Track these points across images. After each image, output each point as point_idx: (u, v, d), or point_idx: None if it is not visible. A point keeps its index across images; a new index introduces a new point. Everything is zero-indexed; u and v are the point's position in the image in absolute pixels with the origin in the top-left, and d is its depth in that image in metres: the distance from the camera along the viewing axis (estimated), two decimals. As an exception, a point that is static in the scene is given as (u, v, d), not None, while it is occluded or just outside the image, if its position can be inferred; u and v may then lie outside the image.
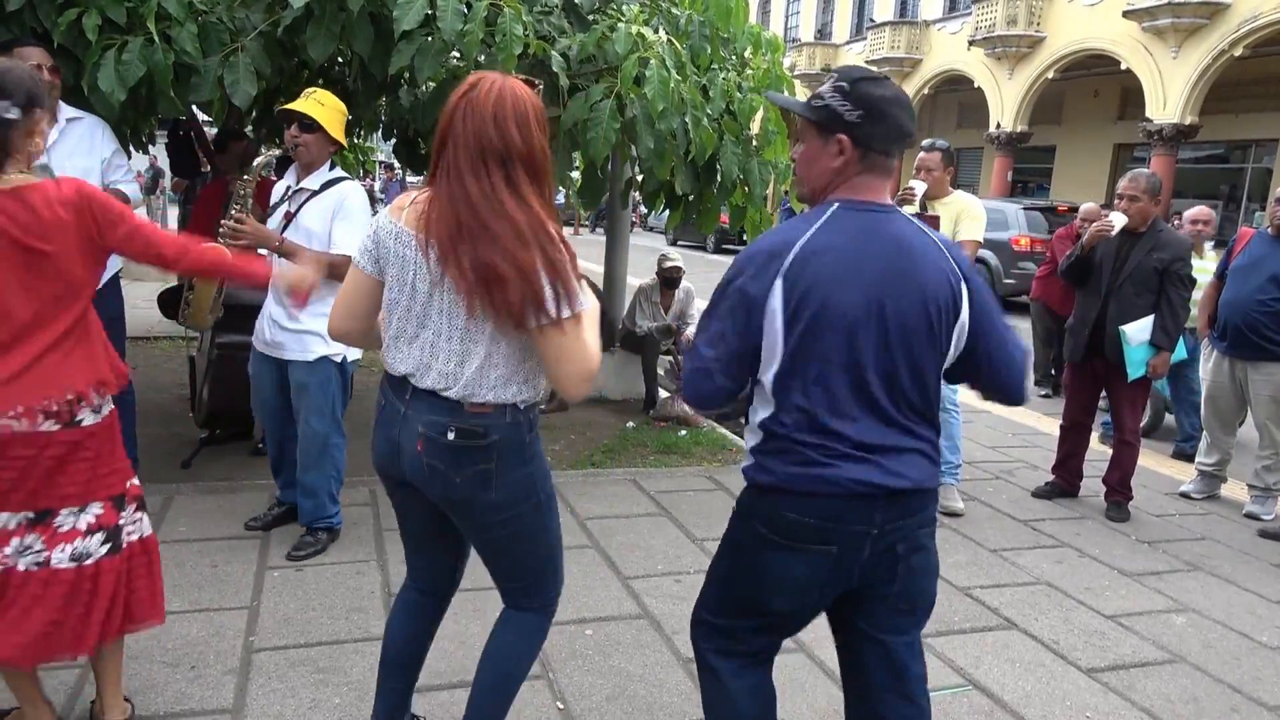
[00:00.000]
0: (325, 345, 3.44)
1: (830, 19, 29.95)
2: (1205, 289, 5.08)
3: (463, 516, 1.99)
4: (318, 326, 3.39)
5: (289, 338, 3.39)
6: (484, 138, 1.78)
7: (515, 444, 1.92)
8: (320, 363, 3.42)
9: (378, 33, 3.55)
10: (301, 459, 3.53)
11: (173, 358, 6.72)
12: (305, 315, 3.34)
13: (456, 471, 1.89)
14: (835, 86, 1.76)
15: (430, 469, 1.91)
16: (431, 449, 1.89)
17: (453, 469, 1.89)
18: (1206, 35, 17.13)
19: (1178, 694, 2.96)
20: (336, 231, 3.31)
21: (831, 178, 1.79)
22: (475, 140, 1.78)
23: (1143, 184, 4.44)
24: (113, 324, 3.71)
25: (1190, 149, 19.58)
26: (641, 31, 3.67)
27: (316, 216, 3.32)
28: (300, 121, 3.22)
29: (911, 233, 1.78)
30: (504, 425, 1.89)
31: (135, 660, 2.70)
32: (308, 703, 2.57)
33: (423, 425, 1.89)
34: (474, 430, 1.87)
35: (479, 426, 1.87)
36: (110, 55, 3.29)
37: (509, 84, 1.83)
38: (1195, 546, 4.34)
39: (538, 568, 2.09)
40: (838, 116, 1.75)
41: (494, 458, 1.89)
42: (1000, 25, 20.95)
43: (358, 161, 7.96)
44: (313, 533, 3.59)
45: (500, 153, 1.78)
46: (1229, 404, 4.91)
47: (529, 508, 1.99)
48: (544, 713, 2.61)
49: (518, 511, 1.97)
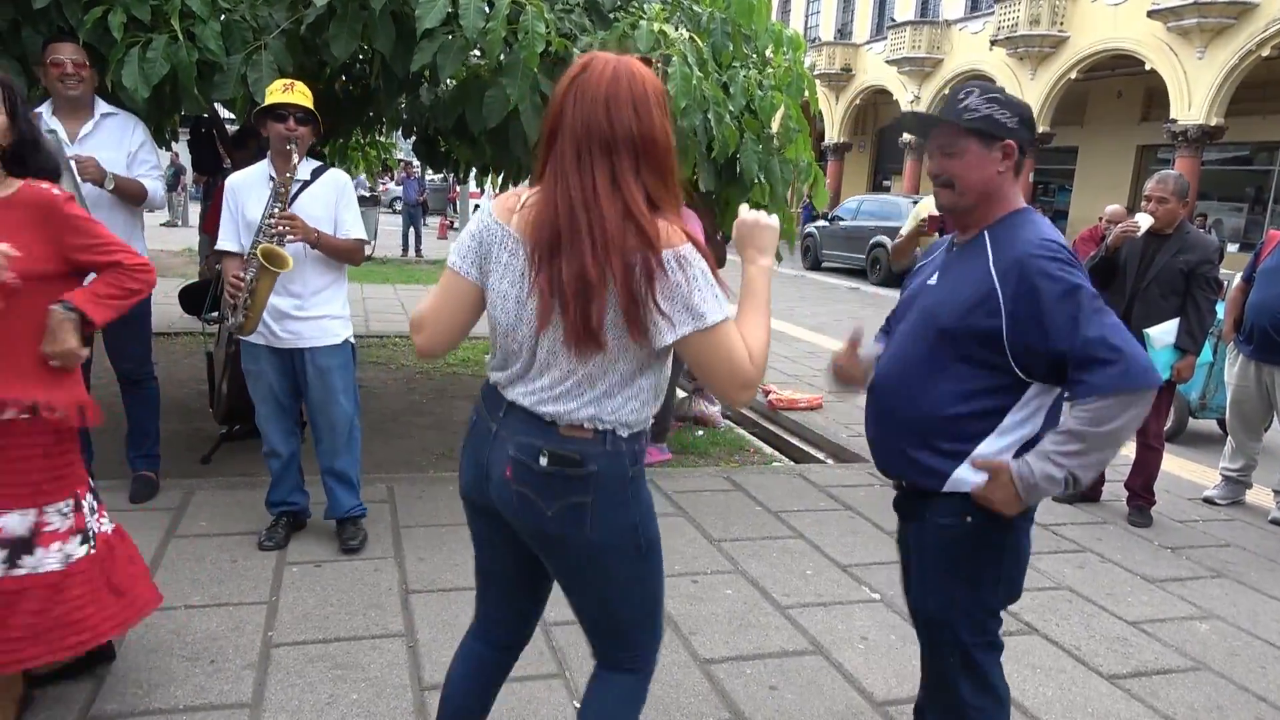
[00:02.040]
0: (345, 327, 3.50)
1: (851, 18, 29.81)
2: (1232, 292, 5.01)
3: (554, 556, 1.79)
4: (333, 310, 3.46)
5: (306, 326, 3.39)
6: (594, 125, 1.58)
7: (616, 477, 1.70)
8: (343, 345, 3.48)
9: (399, 31, 3.55)
10: (331, 445, 3.54)
11: (193, 353, 6.77)
12: (316, 300, 3.39)
13: (549, 503, 1.69)
14: (988, 98, 1.88)
15: (520, 498, 1.72)
16: (523, 475, 1.70)
17: (545, 499, 1.69)
18: (1233, 35, 16.92)
19: (1202, 702, 2.92)
20: (346, 216, 3.41)
21: (997, 184, 1.90)
22: (584, 129, 1.58)
23: (1171, 185, 4.38)
24: (136, 320, 3.76)
25: (1215, 150, 19.35)
26: (663, 29, 3.66)
27: (318, 203, 3.36)
28: (296, 114, 3.26)
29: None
30: (603, 454, 1.68)
31: (154, 653, 2.72)
32: (325, 698, 2.58)
33: (514, 447, 1.71)
34: (569, 457, 1.67)
35: (574, 453, 1.67)
36: (135, 53, 3.32)
37: (625, 63, 1.62)
38: (1219, 553, 4.29)
39: (634, 621, 1.86)
40: (1001, 125, 1.87)
41: (591, 490, 1.69)
42: (1023, 25, 20.79)
43: (379, 158, 8.00)
44: (354, 521, 3.63)
45: (610, 141, 1.58)
46: (1255, 408, 4.84)
47: (630, 552, 1.76)
48: (560, 711, 2.60)
49: (618, 556, 1.76)
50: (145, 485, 3.89)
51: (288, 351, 3.43)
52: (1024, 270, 1.80)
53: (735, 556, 3.77)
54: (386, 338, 8.26)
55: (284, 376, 3.48)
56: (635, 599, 1.83)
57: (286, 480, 3.59)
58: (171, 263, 12.29)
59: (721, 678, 2.85)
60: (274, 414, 3.52)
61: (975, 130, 1.87)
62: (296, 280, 3.33)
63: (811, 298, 14.49)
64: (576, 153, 1.59)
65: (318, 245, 3.28)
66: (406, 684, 2.67)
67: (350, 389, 3.54)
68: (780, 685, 2.83)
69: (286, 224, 3.18)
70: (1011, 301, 1.81)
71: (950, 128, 1.90)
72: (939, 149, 1.94)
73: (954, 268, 1.97)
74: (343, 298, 3.53)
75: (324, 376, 3.45)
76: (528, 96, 3.52)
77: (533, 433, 1.69)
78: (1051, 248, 1.82)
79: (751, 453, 5.72)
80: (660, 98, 1.64)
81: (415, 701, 2.59)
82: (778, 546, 3.92)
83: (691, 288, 1.56)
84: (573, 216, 1.57)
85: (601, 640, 1.90)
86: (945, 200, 1.96)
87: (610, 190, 1.58)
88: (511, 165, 5.10)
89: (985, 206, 1.93)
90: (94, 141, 3.52)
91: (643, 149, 1.60)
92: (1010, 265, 1.83)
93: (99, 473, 4.00)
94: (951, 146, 1.91)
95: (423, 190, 18.49)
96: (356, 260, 3.50)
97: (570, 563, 1.78)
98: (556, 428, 1.67)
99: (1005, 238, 1.88)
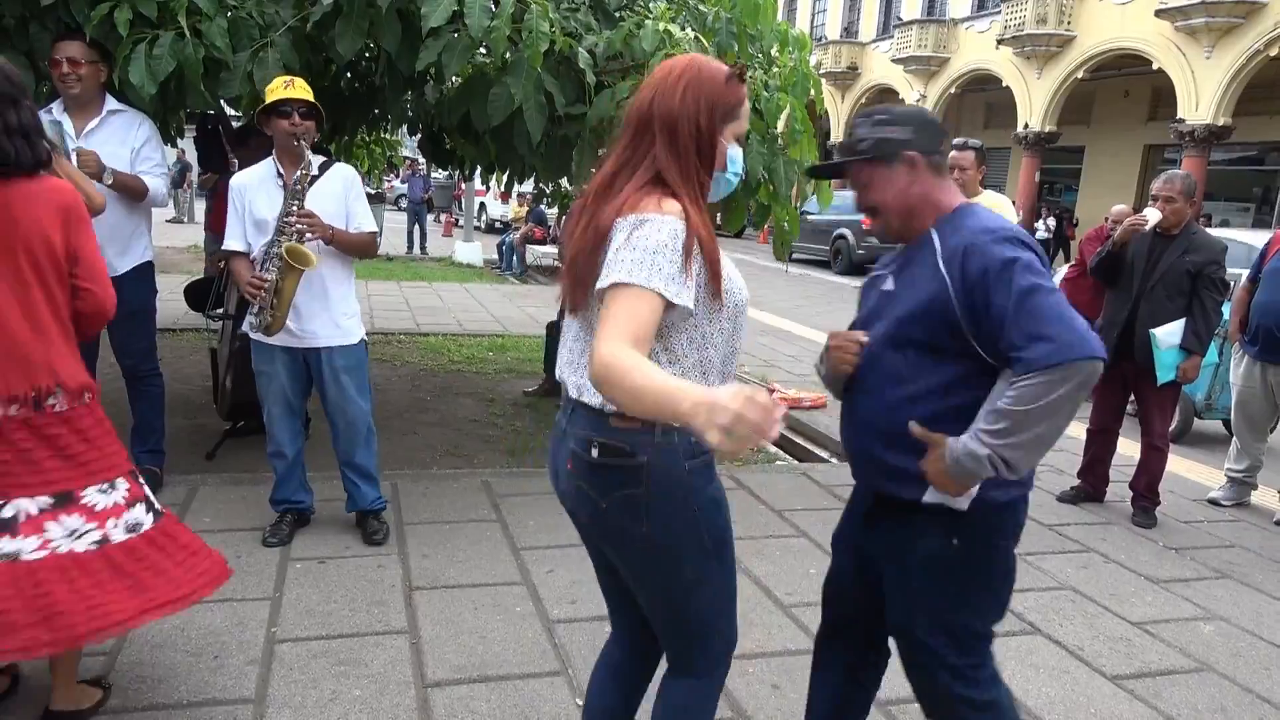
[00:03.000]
0: (358, 326, 3.52)
1: (857, 17, 29.75)
2: (1237, 293, 5.00)
3: (616, 552, 1.78)
4: (347, 308, 3.47)
5: (322, 325, 3.40)
6: (638, 104, 1.69)
7: (668, 471, 1.67)
8: (359, 344, 3.50)
9: (405, 29, 3.56)
10: (349, 441, 3.56)
11: (198, 349, 6.79)
12: (332, 298, 3.39)
13: (603, 495, 1.70)
14: (876, 121, 1.93)
15: (578, 491, 1.74)
16: (579, 468, 1.72)
17: (598, 491, 1.70)
18: (1241, 35, 16.85)
19: (1205, 703, 2.91)
20: (357, 208, 3.43)
21: (919, 196, 1.92)
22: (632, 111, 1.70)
23: (1179, 185, 4.37)
24: (139, 315, 3.77)
25: (1222, 150, 19.28)
26: (669, 28, 3.66)
27: (329, 198, 3.37)
28: (299, 109, 3.27)
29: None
30: (652, 445, 1.66)
31: (158, 649, 2.73)
32: (328, 694, 2.59)
33: (574, 441, 1.73)
34: (617, 448, 1.66)
35: (623, 443, 1.66)
36: (141, 49, 3.33)
37: (683, 57, 1.73)
38: (1224, 554, 4.28)
39: (704, 623, 1.81)
40: (889, 143, 1.90)
41: (643, 482, 1.67)
42: (1030, 24, 20.72)
43: (384, 156, 8.00)
44: (376, 515, 3.65)
45: (645, 120, 1.67)
46: (1260, 409, 4.83)
47: (693, 550, 1.73)
48: (563, 709, 2.61)
49: (680, 553, 1.73)
50: (149, 480, 3.89)
51: (301, 351, 3.43)
52: (966, 254, 1.79)
53: (738, 555, 3.75)
54: (391, 335, 8.27)
55: (296, 378, 3.49)
56: (704, 599, 1.79)
57: (291, 479, 3.60)
58: (177, 259, 12.32)
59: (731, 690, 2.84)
60: (284, 414, 3.52)
61: (870, 158, 1.92)
62: (313, 277, 3.33)
63: (816, 297, 14.48)
64: (623, 134, 1.71)
65: (332, 241, 3.29)
66: (409, 681, 2.68)
67: (365, 387, 3.56)
68: (783, 684, 2.83)
69: (306, 222, 3.19)
70: (960, 288, 1.79)
71: (853, 165, 1.96)
72: (854, 185, 1.98)
73: (906, 269, 1.97)
74: (353, 295, 3.55)
75: (340, 376, 3.46)
76: (532, 95, 3.52)
77: (588, 424, 1.69)
78: (992, 230, 1.82)
79: (755, 451, 5.71)
80: (690, 83, 1.66)
81: (418, 698, 2.60)
82: (781, 545, 3.92)
83: (624, 247, 1.56)
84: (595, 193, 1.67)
85: (671, 643, 1.86)
86: (876, 228, 1.99)
87: (625, 166, 1.66)
88: (516, 163, 5.10)
89: (916, 218, 1.94)
90: (99, 137, 3.53)
91: (662, 126, 1.65)
92: (953, 253, 1.82)
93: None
94: (860, 179, 1.96)
95: (428, 188, 18.49)
96: (370, 253, 3.51)
97: (631, 559, 1.76)
98: (608, 419, 1.66)
99: (949, 229, 1.89)
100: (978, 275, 1.76)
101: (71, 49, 3.41)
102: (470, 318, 9.71)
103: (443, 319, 9.44)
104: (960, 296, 1.79)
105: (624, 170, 1.67)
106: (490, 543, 3.71)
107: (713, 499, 1.76)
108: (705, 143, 1.67)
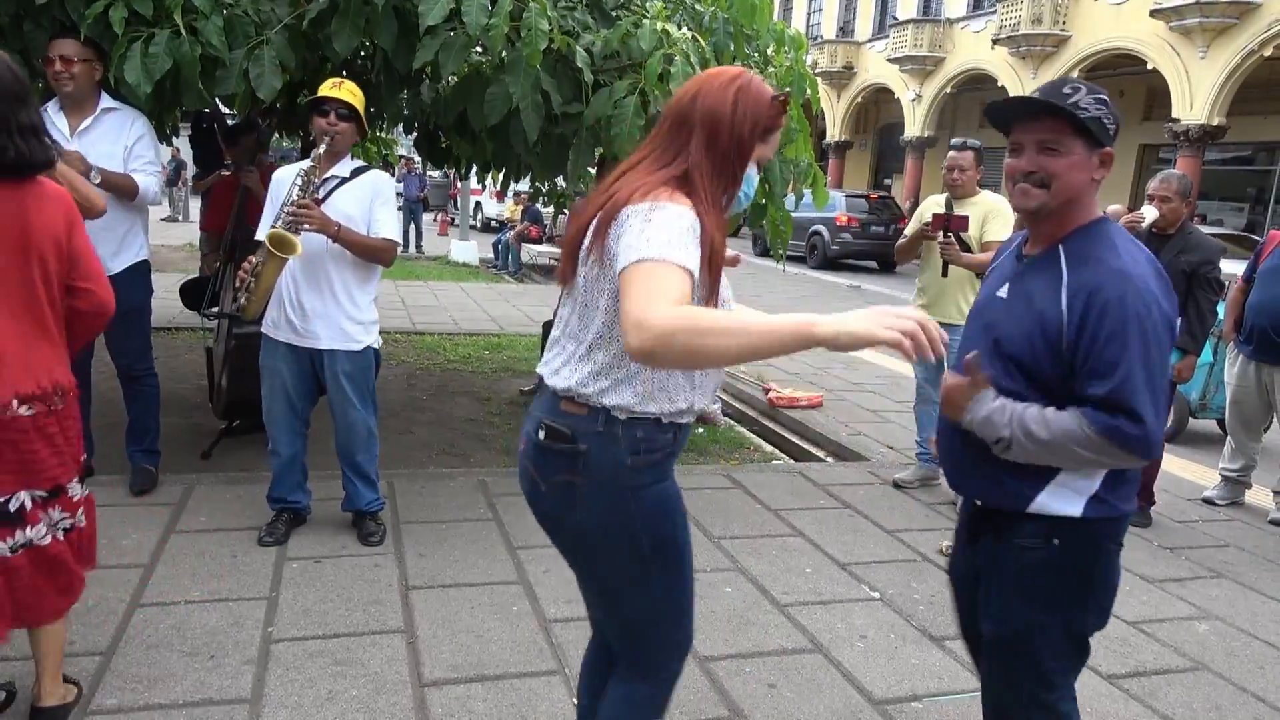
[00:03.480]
0: (367, 333, 3.48)
1: (853, 16, 29.75)
2: (1232, 293, 5.02)
3: (556, 539, 1.80)
4: (357, 314, 3.44)
5: (324, 327, 3.38)
6: (680, 100, 1.70)
7: (608, 462, 1.65)
8: (364, 351, 3.48)
9: (401, 27, 3.55)
10: (348, 445, 3.56)
11: (193, 348, 6.77)
12: (340, 300, 3.37)
13: (543, 477, 1.72)
14: (1097, 99, 1.74)
15: (523, 470, 1.78)
16: (528, 448, 1.76)
17: (540, 472, 1.72)
18: (1235, 35, 16.89)
19: (1200, 702, 2.92)
20: (381, 215, 3.40)
21: (1087, 191, 1.79)
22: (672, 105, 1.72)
23: (1175, 185, 4.38)
24: (133, 315, 3.76)
25: (1217, 150, 19.32)
26: (666, 28, 3.66)
27: (353, 201, 3.36)
28: (338, 110, 3.28)
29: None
30: (594, 435, 1.65)
31: (154, 648, 2.73)
32: (325, 694, 2.58)
33: (530, 423, 1.77)
34: (561, 431, 1.68)
35: (566, 427, 1.67)
36: (137, 47, 3.31)
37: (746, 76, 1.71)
38: (1219, 553, 4.29)
39: (643, 624, 1.79)
40: (1106, 131, 1.76)
41: (579, 469, 1.66)
42: (1025, 24, 20.75)
43: (379, 154, 7.98)
44: (373, 516, 3.64)
45: (685, 114, 1.68)
46: (1254, 409, 4.84)
47: (626, 549, 1.71)
48: (559, 707, 2.61)
49: (614, 550, 1.72)
50: (145, 476, 3.89)
51: (306, 351, 3.42)
52: (1092, 297, 1.68)
53: (735, 554, 3.78)
54: (387, 334, 8.24)
55: (300, 377, 3.47)
56: (641, 601, 1.77)
57: (287, 478, 3.59)
58: (172, 258, 12.29)
59: (721, 675, 2.85)
60: (284, 413, 3.50)
61: (1085, 129, 1.73)
62: (320, 276, 3.33)
63: (812, 296, 14.50)
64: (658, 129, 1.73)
65: (338, 239, 3.27)
66: (406, 680, 2.68)
67: (368, 395, 3.54)
68: (779, 683, 2.83)
69: (302, 213, 3.18)
70: (1075, 324, 1.70)
71: (1061, 121, 1.74)
72: (1038, 143, 1.76)
73: (1024, 282, 1.84)
74: (369, 301, 3.51)
75: (341, 381, 3.45)
76: (529, 94, 3.52)
77: (544, 406, 1.73)
78: (1128, 275, 1.69)
79: (751, 451, 5.72)
80: (742, 91, 1.67)
81: (415, 697, 2.59)
82: (777, 544, 3.93)
83: (649, 227, 1.52)
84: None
85: (615, 641, 1.87)
86: (1034, 202, 1.79)
87: (652, 157, 1.67)
88: (512, 162, 5.09)
89: (1068, 214, 1.80)
90: (92, 135, 3.52)
91: (704, 124, 1.65)
92: (1079, 289, 1.71)
93: (99, 466, 4.03)
94: (1057, 142, 1.75)
95: (423, 186, 18.47)
96: (386, 260, 3.47)
97: (567, 546, 1.80)
98: (559, 402, 1.69)
99: (1080, 255, 1.76)
100: (1095, 320, 1.68)
101: (65, 47, 3.39)
102: (466, 317, 9.71)
103: (439, 318, 9.44)
104: (1072, 332, 1.71)
105: (649, 160, 1.68)
106: (486, 542, 3.71)
107: (659, 499, 1.72)
108: (741, 153, 1.67)
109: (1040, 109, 1.77)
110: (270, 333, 3.44)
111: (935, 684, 2.90)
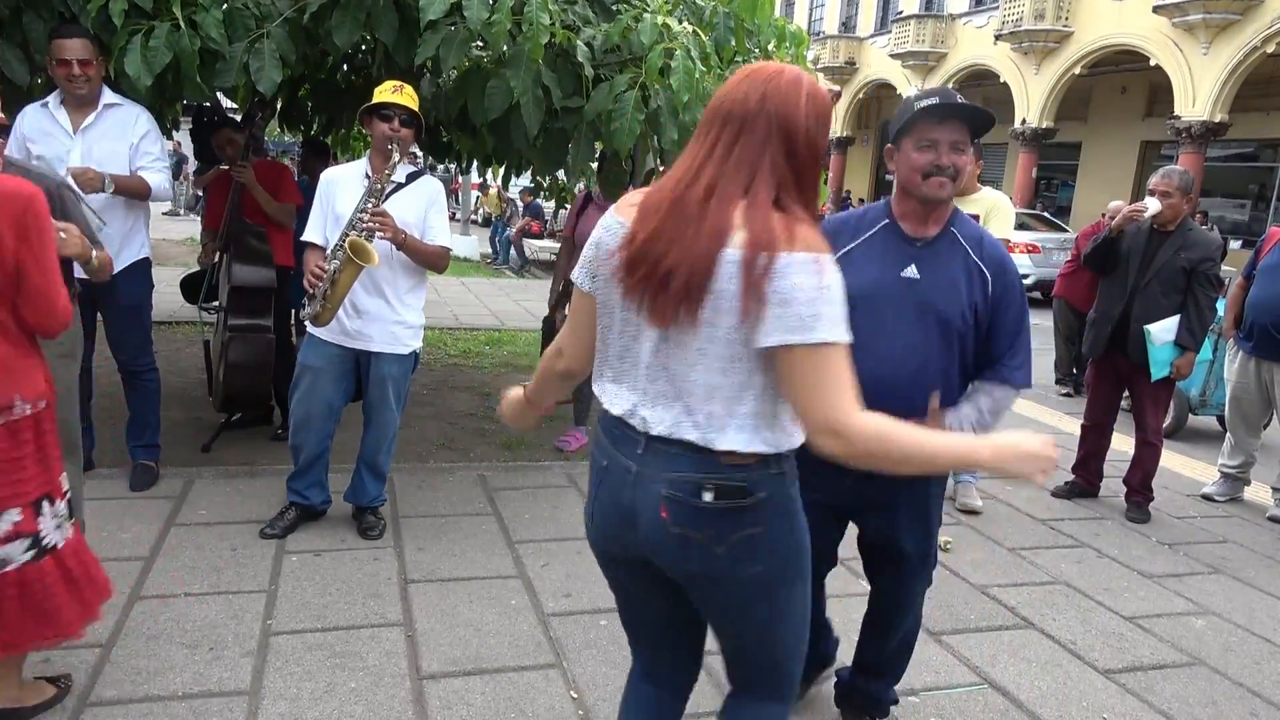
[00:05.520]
0: (415, 338, 3.51)
1: (855, 12, 29.70)
2: (1232, 289, 5.01)
3: (717, 596, 1.59)
4: (410, 317, 3.46)
5: (379, 329, 3.39)
6: (731, 96, 1.48)
7: (785, 500, 1.54)
8: (409, 355, 3.50)
9: (402, 21, 3.55)
10: (376, 444, 3.58)
11: (194, 342, 6.78)
12: (397, 305, 3.39)
13: (719, 539, 1.50)
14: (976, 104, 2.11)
15: (681, 540, 1.52)
16: (685, 514, 1.50)
17: (714, 537, 1.50)
18: (1238, 31, 16.85)
19: (1196, 697, 2.93)
20: (436, 221, 3.41)
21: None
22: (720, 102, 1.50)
23: (1176, 181, 4.37)
24: (134, 311, 3.76)
25: (1219, 147, 19.28)
26: (667, 22, 3.66)
27: (409, 207, 3.36)
28: (401, 116, 3.26)
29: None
30: (771, 478, 1.50)
31: (154, 640, 2.74)
32: (324, 686, 2.59)
33: (667, 485, 1.50)
34: (736, 488, 1.48)
35: (740, 482, 1.48)
36: (137, 41, 3.31)
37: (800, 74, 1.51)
38: (1216, 549, 4.30)
39: (790, 649, 1.68)
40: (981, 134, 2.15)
41: (764, 520, 1.51)
42: (1028, 20, 20.70)
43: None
44: (374, 510, 3.66)
45: (749, 116, 1.46)
46: (1254, 405, 4.85)
47: (794, 577, 1.59)
48: (557, 701, 2.62)
49: (785, 583, 1.58)
50: (145, 474, 3.90)
51: (353, 352, 3.43)
52: (1004, 264, 2.12)
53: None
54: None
55: (343, 377, 3.47)
56: (795, 624, 1.65)
57: (310, 474, 3.58)
58: (173, 252, 12.29)
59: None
60: (321, 413, 3.48)
61: (982, 130, 2.11)
62: (385, 282, 3.34)
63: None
64: (706, 128, 1.50)
65: (403, 247, 3.27)
66: (404, 673, 2.68)
67: (403, 397, 3.59)
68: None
69: (378, 221, 3.17)
70: (997, 292, 2.11)
71: (968, 126, 2.09)
72: (951, 143, 2.08)
73: (932, 260, 2.15)
74: (420, 306, 3.52)
75: (385, 383, 3.47)
76: (530, 88, 3.52)
77: (691, 465, 1.49)
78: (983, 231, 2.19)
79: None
80: (811, 93, 1.48)
81: (413, 690, 2.60)
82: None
83: (820, 299, 1.37)
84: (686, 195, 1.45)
85: (754, 671, 1.71)
86: (948, 192, 2.10)
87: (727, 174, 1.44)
88: (513, 157, 5.09)
89: (951, 201, 2.19)
90: (96, 132, 3.51)
91: (780, 131, 1.45)
92: (991, 259, 2.12)
93: (99, 460, 4.04)
94: (964, 141, 2.09)
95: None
96: (440, 267, 3.47)
97: (736, 599, 1.58)
98: (717, 457, 1.47)
99: (967, 233, 2.16)
100: (1009, 286, 2.13)
101: (79, 49, 3.35)
102: (466, 311, 9.71)
103: (439, 312, 9.43)
104: (995, 294, 2.12)
105: (728, 178, 1.44)
106: (486, 536, 3.71)
107: (804, 521, 1.63)
108: (816, 164, 1.49)
109: (969, 115, 2.11)
110: (317, 332, 3.40)
111: (932, 678, 2.91)
